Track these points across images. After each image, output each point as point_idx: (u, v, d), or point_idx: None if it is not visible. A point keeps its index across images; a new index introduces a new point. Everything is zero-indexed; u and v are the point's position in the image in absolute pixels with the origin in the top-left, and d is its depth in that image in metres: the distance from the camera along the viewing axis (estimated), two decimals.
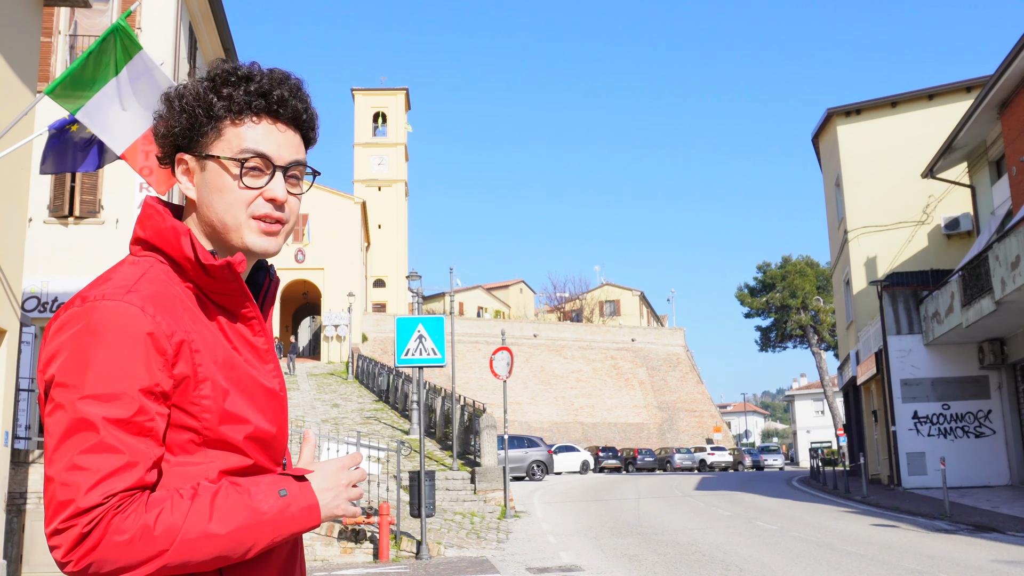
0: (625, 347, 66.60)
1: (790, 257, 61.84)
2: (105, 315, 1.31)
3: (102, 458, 1.25)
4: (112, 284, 1.36)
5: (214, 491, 1.31)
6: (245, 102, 1.45)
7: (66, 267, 15.95)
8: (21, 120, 10.28)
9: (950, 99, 28.12)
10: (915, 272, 25.30)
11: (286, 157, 1.48)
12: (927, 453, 23.04)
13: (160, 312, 1.34)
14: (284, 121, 1.49)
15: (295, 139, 1.51)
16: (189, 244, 1.41)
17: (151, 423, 1.30)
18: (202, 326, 1.41)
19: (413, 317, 13.66)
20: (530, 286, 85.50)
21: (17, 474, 11.83)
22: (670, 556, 11.91)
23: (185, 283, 1.44)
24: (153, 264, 1.43)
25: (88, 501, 1.23)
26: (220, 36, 20.55)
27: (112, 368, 1.28)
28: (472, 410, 25.79)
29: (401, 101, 65.69)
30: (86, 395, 1.27)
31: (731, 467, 53.49)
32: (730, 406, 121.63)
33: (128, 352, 1.29)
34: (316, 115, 1.55)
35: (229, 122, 1.46)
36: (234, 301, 1.46)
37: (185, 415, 1.35)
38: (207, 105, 1.44)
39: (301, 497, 1.36)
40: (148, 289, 1.36)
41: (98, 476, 1.24)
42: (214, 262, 1.41)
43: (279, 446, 1.49)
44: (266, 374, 1.49)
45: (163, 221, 1.44)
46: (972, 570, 10.05)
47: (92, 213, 16.28)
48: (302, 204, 1.58)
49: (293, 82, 1.50)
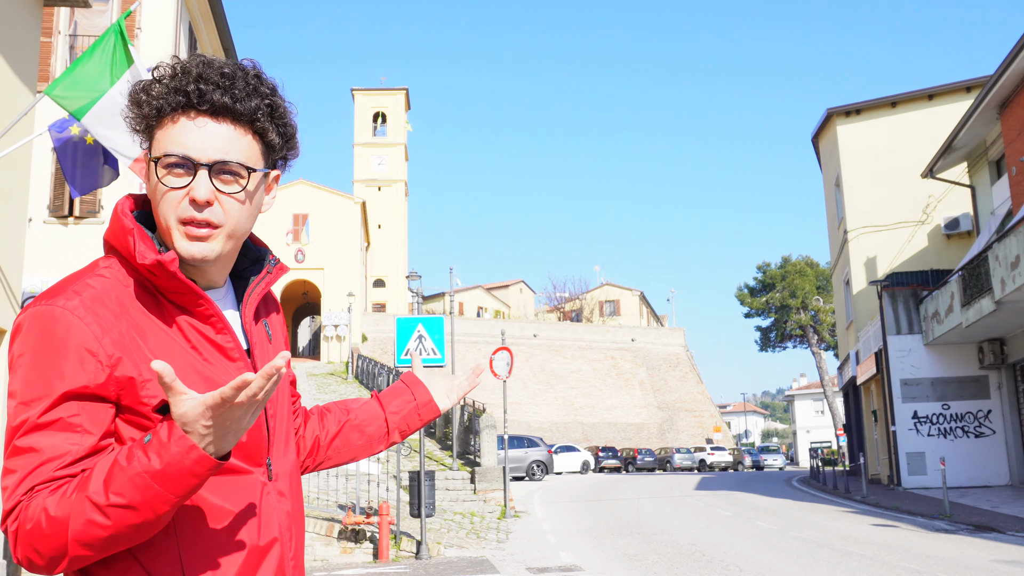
0: (625, 347, 66.60)
1: (790, 257, 61.86)
2: (42, 321, 1.33)
3: (24, 459, 1.28)
4: (56, 288, 1.37)
5: (96, 463, 1.28)
6: (164, 99, 1.41)
7: (66, 267, 15.94)
8: (21, 120, 10.28)
9: (950, 99, 28.13)
10: (915, 272, 25.31)
11: (210, 155, 1.40)
12: (927, 453, 23.04)
13: (96, 316, 1.33)
14: (209, 115, 1.41)
15: (228, 134, 1.42)
16: (132, 242, 1.39)
17: (75, 417, 1.30)
18: (153, 326, 1.39)
19: (413, 317, 13.65)
20: (530, 286, 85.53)
21: None
22: (670, 556, 11.92)
23: (142, 283, 1.42)
24: (110, 265, 1.42)
25: (12, 502, 1.28)
26: (220, 36, 20.55)
27: (42, 373, 1.31)
28: (472, 410, 25.79)
29: (401, 101, 65.69)
30: (19, 402, 1.31)
31: (731, 467, 53.51)
32: (730, 406, 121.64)
33: (56, 357, 1.31)
34: (267, 107, 1.46)
35: (158, 122, 1.42)
36: (186, 299, 1.43)
37: (138, 416, 1.35)
38: (137, 105, 1.43)
39: (164, 431, 1.24)
40: (91, 293, 1.36)
41: (19, 476, 1.28)
42: (144, 261, 1.37)
43: (253, 446, 1.45)
44: (232, 373, 1.44)
45: (117, 221, 1.42)
46: (972, 570, 10.05)
47: (92, 213, 16.29)
48: (302, 204, 1.53)
49: (228, 72, 1.42)
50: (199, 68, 1.42)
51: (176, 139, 1.40)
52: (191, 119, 1.41)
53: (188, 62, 1.43)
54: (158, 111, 1.41)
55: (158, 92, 1.41)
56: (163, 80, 1.42)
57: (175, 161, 1.40)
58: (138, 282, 1.42)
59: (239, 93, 1.42)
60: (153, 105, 1.41)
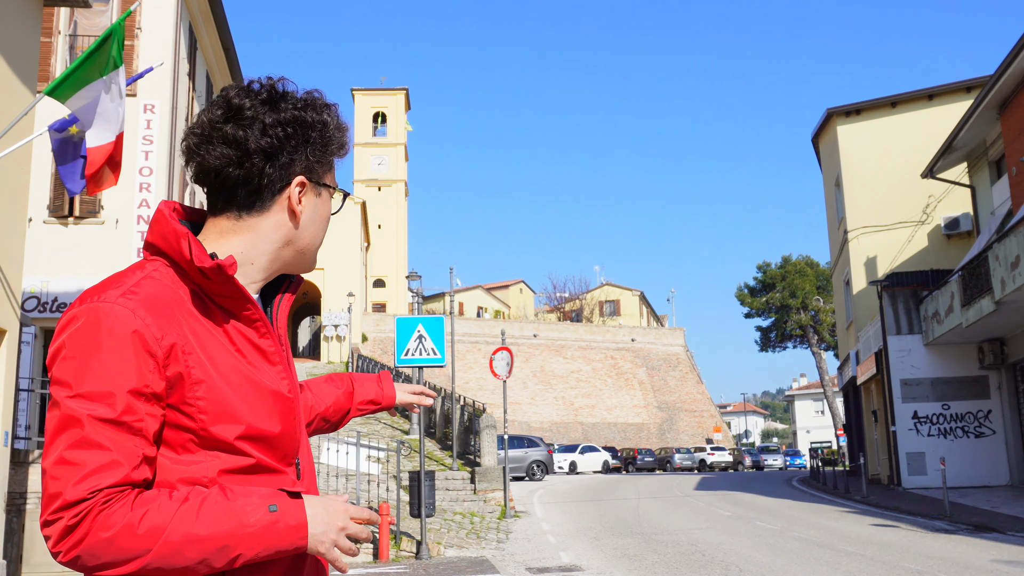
0: (625, 347, 66.59)
1: (790, 257, 61.82)
2: (100, 317, 1.35)
3: (88, 454, 1.29)
4: (111, 287, 1.39)
5: (203, 497, 1.33)
6: (341, 145, 1.60)
7: (66, 267, 15.95)
8: (21, 120, 10.28)
9: (950, 99, 28.12)
10: (915, 272, 25.29)
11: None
12: (927, 453, 23.04)
13: (152, 315, 1.37)
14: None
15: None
16: (187, 246, 1.43)
17: (140, 423, 1.34)
18: (202, 328, 1.43)
19: (413, 317, 13.65)
20: (530, 286, 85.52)
21: (17, 474, 11.82)
22: (670, 556, 11.91)
23: (189, 286, 1.46)
24: (158, 267, 1.46)
25: (74, 495, 1.27)
26: (220, 36, 20.55)
27: (102, 369, 1.32)
28: (472, 410, 25.79)
29: (401, 101, 65.71)
30: (76, 393, 1.32)
31: (731, 467, 53.50)
32: (730, 406, 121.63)
33: (118, 354, 1.33)
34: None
35: (335, 158, 1.60)
36: (235, 303, 1.47)
37: (182, 415, 1.39)
38: (331, 140, 1.57)
39: (291, 515, 1.37)
40: (145, 292, 1.39)
41: (84, 471, 1.29)
42: (207, 264, 1.42)
43: (285, 445, 1.50)
44: (272, 376, 1.50)
45: (167, 225, 1.46)
46: (972, 570, 10.05)
47: (92, 213, 16.28)
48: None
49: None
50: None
51: (335, 177, 1.63)
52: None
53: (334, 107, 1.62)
54: (339, 150, 1.60)
55: (341, 138, 1.60)
56: (339, 124, 1.60)
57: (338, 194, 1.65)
58: (186, 284, 1.46)
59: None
60: (343, 146, 1.61)
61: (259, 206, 1.51)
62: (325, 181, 1.57)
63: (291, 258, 1.57)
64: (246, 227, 1.51)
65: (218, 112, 1.49)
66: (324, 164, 1.56)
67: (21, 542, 11.77)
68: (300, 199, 1.52)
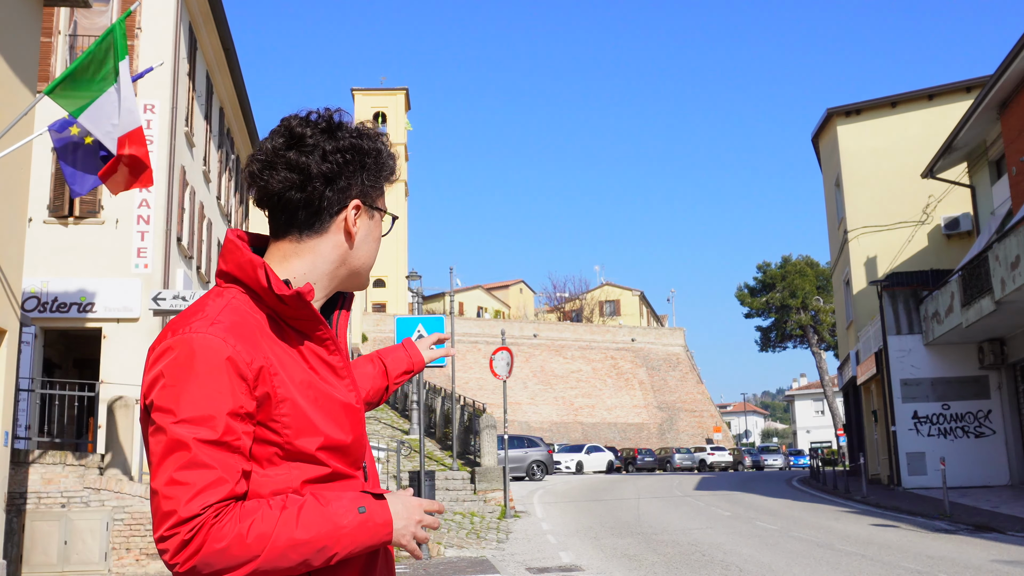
0: (625, 347, 66.61)
1: (790, 257, 61.81)
2: (194, 347, 1.47)
3: (197, 474, 1.43)
4: (200, 317, 1.52)
5: (300, 504, 1.48)
6: (392, 171, 1.72)
7: (66, 267, 15.94)
8: (21, 120, 10.28)
9: (950, 99, 28.12)
10: (915, 272, 25.28)
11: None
12: (927, 453, 23.03)
13: (240, 342, 1.50)
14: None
15: None
16: (264, 275, 1.55)
17: (238, 441, 1.47)
18: (280, 350, 1.56)
19: (413, 317, 13.66)
20: (530, 286, 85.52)
21: (17, 474, 11.82)
22: (670, 556, 11.92)
23: (264, 311, 1.58)
24: (235, 295, 1.58)
25: (188, 511, 1.41)
26: (220, 36, 20.55)
27: (201, 395, 1.45)
28: (472, 410, 25.81)
29: (401, 101, 65.76)
30: (180, 419, 1.44)
31: (731, 467, 53.50)
32: (730, 406, 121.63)
33: (214, 380, 1.46)
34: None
35: (386, 183, 1.73)
36: (308, 325, 1.60)
37: (268, 431, 1.52)
38: (384, 167, 1.70)
39: (378, 515, 1.53)
40: (229, 320, 1.52)
41: (194, 490, 1.42)
42: (287, 292, 1.55)
43: (356, 452, 1.64)
44: (342, 389, 1.64)
45: (242, 255, 1.58)
46: (972, 570, 10.05)
47: (92, 213, 16.28)
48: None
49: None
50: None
51: (385, 201, 1.76)
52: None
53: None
54: (391, 173, 1.72)
55: (394, 163, 1.73)
56: (391, 154, 1.73)
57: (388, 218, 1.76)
58: (261, 309, 1.59)
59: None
60: (394, 174, 1.73)
61: (318, 227, 1.63)
62: (377, 204, 1.70)
63: (347, 277, 1.70)
64: (306, 249, 1.64)
65: (280, 140, 1.62)
66: (377, 188, 1.69)
67: (21, 542, 11.77)
68: (355, 221, 1.65)
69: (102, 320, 15.95)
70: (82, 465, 12.18)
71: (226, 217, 24.44)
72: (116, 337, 15.93)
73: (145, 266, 16.19)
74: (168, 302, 13.65)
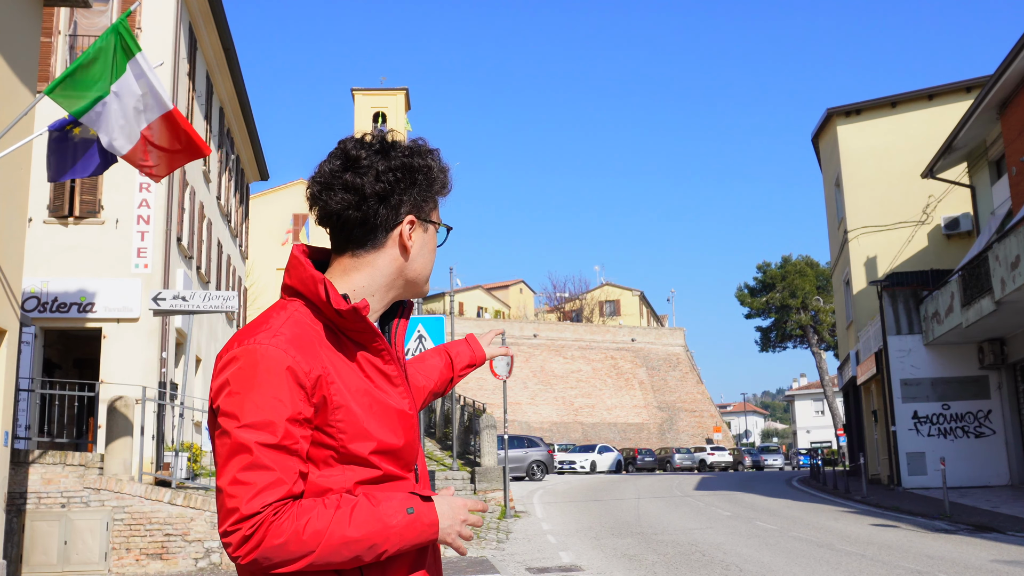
0: (625, 347, 66.61)
1: (790, 257, 61.77)
2: (257, 357, 1.58)
3: (258, 475, 1.53)
4: (261, 329, 1.63)
5: (353, 503, 1.58)
6: (444, 185, 1.80)
7: (66, 267, 15.95)
8: (21, 120, 10.28)
9: (950, 99, 28.12)
10: (915, 272, 25.28)
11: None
12: (927, 453, 23.04)
13: (300, 352, 1.60)
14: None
15: None
16: (324, 290, 1.65)
17: (296, 445, 1.57)
18: (338, 359, 1.66)
19: (413, 317, 13.65)
20: (530, 286, 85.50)
21: (17, 474, 11.82)
22: (670, 556, 11.92)
23: (324, 322, 1.68)
24: (297, 308, 1.69)
25: (250, 509, 1.52)
26: (220, 36, 20.56)
27: (263, 402, 1.56)
28: (472, 410, 25.82)
29: (401, 101, 65.74)
30: (244, 424, 1.55)
31: (731, 467, 53.49)
32: (730, 406, 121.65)
33: (275, 388, 1.57)
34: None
35: (439, 196, 1.82)
36: (365, 337, 1.70)
37: (324, 436, 1.62)
38: (435, 182, 1.78)
39: (425, 515, 1.64)
40: (290, 332, 1.62)
41: (255, 489, 1.52)
42: (344, 307, 1.64)
43: (408, 455, 1.73)
44: (396, 396, 1.74)
45: (304, 271, 1.68)
46: (972, 570, 10.05)
47: (92, 213, 16.28)
48: (302, 204, 1.73)
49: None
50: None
51: (440, 214, 1.84)
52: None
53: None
54: (443, 187, 1.81)
55: (446, 177, 1.81)
56: (444, 167, 1.80)
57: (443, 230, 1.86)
58: (320, 321, 1.68)
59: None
60: (447, 188, 1.81)
61: (375, 243, 1.73)
62: (431, 218, 1.79)
63: (404, 287, 1.80)
64: (365, 263, 1.74)
65: (337, 163, 1.72)
66: (430, 202, 1.78)
67: (21, 542, 11.77)
68: (410, 235, 1.75)
69: (102, 320, 15.95)
70: (82, 465, 12.18)
71: (226, 217, 24.45)
72: (116, 337, 15.94)
73: (145, 266, 16.19)
74: (168, 302, 13.63)
